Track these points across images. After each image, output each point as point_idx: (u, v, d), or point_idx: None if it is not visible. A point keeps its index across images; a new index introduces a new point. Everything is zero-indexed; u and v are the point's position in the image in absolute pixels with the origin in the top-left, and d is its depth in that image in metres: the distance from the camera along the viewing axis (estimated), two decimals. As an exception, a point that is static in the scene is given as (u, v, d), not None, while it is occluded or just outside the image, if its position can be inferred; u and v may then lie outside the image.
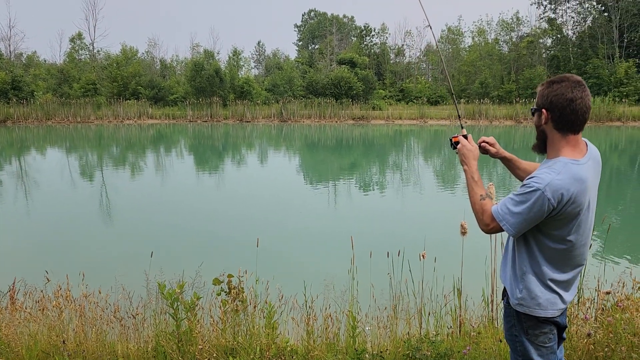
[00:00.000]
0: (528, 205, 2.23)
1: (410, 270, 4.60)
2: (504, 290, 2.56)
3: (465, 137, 2.65)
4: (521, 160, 2.76)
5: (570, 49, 48.64)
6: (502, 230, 2.38)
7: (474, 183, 2.49)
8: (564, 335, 2.66)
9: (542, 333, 2.42)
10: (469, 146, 2.60)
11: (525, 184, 2.28)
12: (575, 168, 2.25)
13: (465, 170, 2.56)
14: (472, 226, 4.27)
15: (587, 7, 50.45)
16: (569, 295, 2.45)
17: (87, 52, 56.95)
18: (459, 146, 2.63)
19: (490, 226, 2.38)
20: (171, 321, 4.04)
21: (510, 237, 2.48)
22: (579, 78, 2.28)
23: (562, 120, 2.27)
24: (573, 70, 46.04)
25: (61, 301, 4.41)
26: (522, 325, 2.44)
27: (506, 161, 2.78)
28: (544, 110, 2.30)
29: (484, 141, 2.73)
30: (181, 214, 11.88)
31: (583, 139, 2.39)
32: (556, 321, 2.45)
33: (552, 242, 2.33)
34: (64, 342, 4.02)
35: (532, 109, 2.41)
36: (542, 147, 2.41)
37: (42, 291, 4.57)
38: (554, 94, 2.26)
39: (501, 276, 2.60)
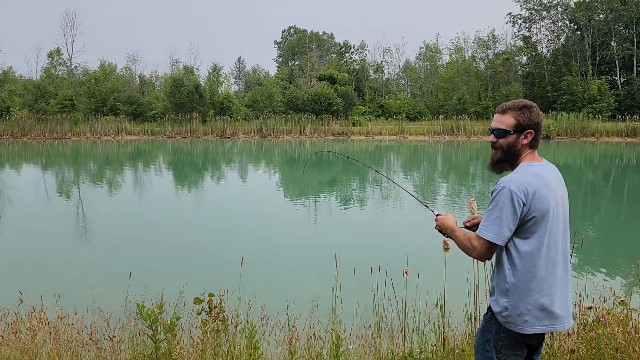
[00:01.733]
0: (500, 205, 2.41)
1: (393, 287, 4.57)
2: (489, 306, 2.63)
3: (438, 215, 2.91)
4: None
5: (545, 66, 49.82)
6: (492, 250, 2.49)
7: (454, 232, 2.72)
8: (538, 357, 2.71)
9: (514, 354, 2.54)
10: (443, 216, 2.85)
11: (492, 191, 2.49)
12: (532, 168, 2.50)
13: (449, 234, 2.79)
14: (454, 242, 4.28)
15: (560, 26, 51.88)
16: (559, 311, 2.50)
17: (65, 68, 56.33)
18: (440, 225, 2.87)
19: (478, 247, 2.50)
20: (150, 343, 3.93)
21: (495, 255, 2.57)
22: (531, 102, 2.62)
23: (538, 137, 2.59)
24: (547, 86, 47.16)
25: (35, 323, 4.26)
26: (497, 342, 2.53)
27: None
28: (532, 131, 2.56)
29: (473, 219, 2.93)
30: (160, 232, 11.70)
31: (543, 158, 2.63)
32: (531, 342, 2.55)
33: (531, 252, 2.44)
34: (37, 366, 3.88)
35: (510, 130, 2.57)
36: (506, 167, 2.65)
37: (15, 313, 4.42)
38: (536, 117, 2.57)
39: (490, 296, 2.68)
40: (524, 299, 2.44)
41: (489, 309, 2.62)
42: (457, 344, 4.14)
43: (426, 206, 3.26)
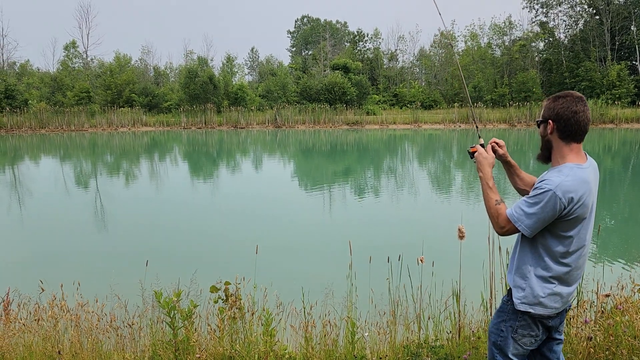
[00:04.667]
0: (541, 205, 2.42)
1: (409, 275, 4.57)
2: (509, 289, 2.71)
3: (482, 146, 2.84)
4: (521, 170, 2.96)
5: (563, 52, 48.95)
6: (517, 232, 2.55)
7: (489, 189, 2.66)
8: (561, 336, 2.77)
9: (529, 335, 2.62)
10: (484, 154, 2.78)
11: (537, 187, 2.47)
12: (580, 172, 2.47)
13: (480, 177, 2.74)
14: (469, 230, 4.26)
15: (579, 11, 50.84)
16: (569, 296, 2.61)
17: (81, 60, 56.86)
18: (475, 154, 2.81)
19: (506, 228, 2.55)
20: (168, 330, 3.99)
21: (517, 238, 2.66)
22: (580, 94, 2.54)
23: (567, 130, 2.51)
24: (565, 73, 46.37)
25: (56, 311, 4.35)
26: (514, 322, 2.61)
27: (508, 166, 2.95)
28: (550, 121, 2.54)
29: (494, 141, 2.89)
30: (177, 221, 11.82)
31: (584, 152, 2.61)
32: (548, 324, 2.61)
33: (557, 242, 2.50)
34: (59, 352, 3.97)
35: (537, 121, 2.66)
36: (546, 156, 2.64)
37: (37, 301, 4.51)
38: (560, 107, 2.51)
39: (507, 275, 2.76)
40: (544, 286, 2.53)
41: (509, 291, 2.70)
42: (473, 331, 4.14)
43: (477, 127, 3.17)
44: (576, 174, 2.45)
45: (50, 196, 15.47)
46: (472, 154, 2.83)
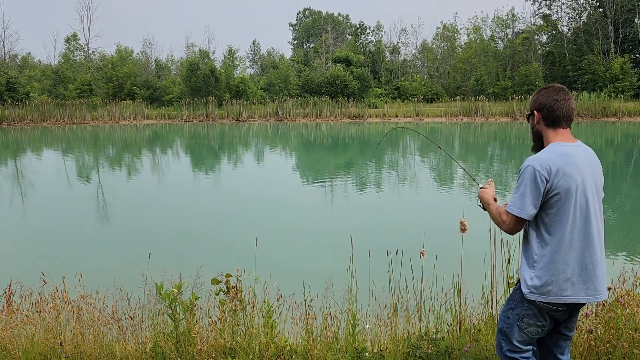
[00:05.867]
0: (524, 182, 2.58)
1: (411, 268, 4.57)
2: (519, 278, 2.78)
3: (482, 187, 3.05)
4: None
5: (566, 45, 48.71)
6: (520, 224, 2.65)
7: (489, 206, 2.89)
8: (570, 333, 2.78)
9: (536, 325, 2.68)
10: (482, 192, 3.00)
11: (519, 170, 2.66)
12: (559, 147, 2.63)
13: (485, 207, 2.95)
14: (471, 223, 4.26)
15: (582, 3, 50.52)
16: (581, 285, 2.60)
17: (82, 53, 56.78)
18: (478, 195, 3.04)
19: (507, 221, 2.67)
20: (169, 322, 4.01)
21: (524, 229, 2.74)
22: (562, 86, 2.74)
23: (550, 116, 2.69)
24: (568, 66, 46.15)
25: (58, 303, 4.37)
26: (520, 311, 2.69)
27: None
28: (535, 112, 2.75)
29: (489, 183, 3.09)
30: (178, 214, 11.84)
31: (576, 139, 2.72)
32: (556, 315, 2.65)
33: (554, 226, 2.57)
34: (61, 344, 3.99)
35: (526, 115, 2.88)
36: (539, 146, 2.80)
37: (39, 293, 4.53)
38: (542, 97, 2.73)
39: (520, 265, 2.83)
40: (549, 272, 2.58)
41: (519, 279, 2.76)
42: (473, 324, 4.14)
43: (473, 179, 3.46)
44: (554, 149, 2.61)
45: (53, 189, 15.49)
46: (483, 207, 3.02)
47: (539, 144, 2.79)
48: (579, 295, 2.60)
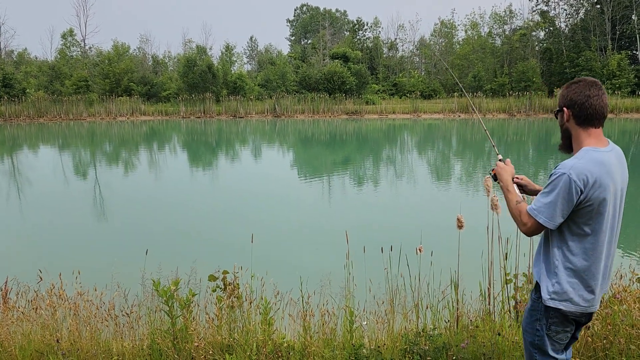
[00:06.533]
0: (557, 191, 2.38)
1: (407, 265, 4.57)
2: (536, 284, 2.63)
3: (501, 160, 2.87)
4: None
5: (563, 41, 48.72)
6: (541, 229, 2.49)
7: (508, 193, 2.67)
8: (577, 334, 2.72)
9: (564, 331, 2.56)
10: (502, 165, 2.82)
11: (551, 174, 2.43)
12: (596, 154, 2.41)
13: (501, 187, 2.76)
14: (468, 220, 4.26)
15: (580, 0, 50.53)
16: (600, 291, 2.54)
17: (79, 49, 56.54)
18: (496, 170, 2.83)
19: (528, 224, 2.49)
20: (166, 318, 4.00)
21: (543, 233, 2.58)
22: (595, 79, 2.50)
23: (582, 115, 2.46)
24: (565, 62, 46.16)
25: (55, 300, 4.35)
26: (547, 320, 2.55)
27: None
28: (565, 109, 2.51)
29: (517, 179, 2.87)
30: (176, 210, 11.82)
31: (607, 139, 2.54)
32: (579, 320, 2.56)
33: (584, 235, 2.44)
34: (58, 341, 3.97)
35: (554, 111, 2.62)
36: (567, 145, 2.60)
37: (35, 290, 4.51)
38: (573, 93, 2.48)
39: (534, 271, 2.69)
40: (572, 280, 2.47)
41: (536, 287, 2.63)
42: (470, 320, 4.15)
43: (494, 145, 3.20)
44: (591, 156, 2.39)
45: (49, 185, 15.45)
46: (495, 176, 2.84)
47: (567, 142, 2.58)
48: (598, 303, 2.54)
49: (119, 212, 11.91)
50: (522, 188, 2.84)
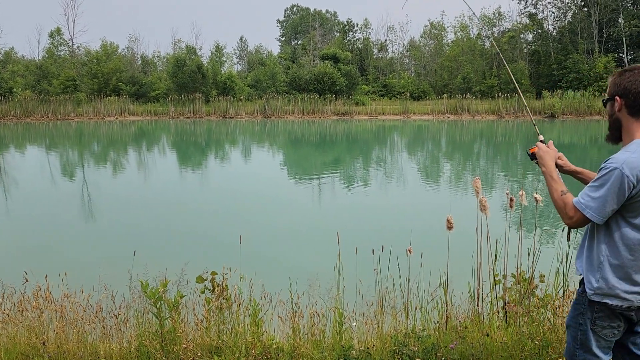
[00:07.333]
0: (607, 186, 2.27)
1: (398, 266, 4.58)
2: (581, 279, 2.55)
3: (543, 142, 2.75)
4: (590, 172, 2.80)
5: (551, 43, 49.16)
6: (587, 222, 2.39)
7: (553, 181, 2.55)
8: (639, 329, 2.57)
9: (610, 326, 2.45)
10: (545, 148, 2.69)
11: (602, 168, 2.32)
12: None
13: (543, 172, 2.63)
14: (458, 221, 4.27)
15: (567, 3, 51.06)
16: None
17: (67, 48, 56.04)
18: (536, 150, 2.70)
19: (574, 218, 2.40)
20: (154, 320, 3.97)
21: (588, 226, 2.50)
22: None
23: (636, 104, 2.34)
24: (553, 65, 46.60)
25: (41, 302, 4.30)
26: (592, 315, 2.46)
27: (577, 175, 2.81)
28: (617, 98, 2.38)
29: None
30: (164, 211, 11.74)
31: None
32: (629, 315, 2.44)
33: (633, 230, 2.34)
34: (44, 343, 3.93)
35: (603, 100, 2.49)
36: (616, 137, 2.48)
37: (21, 292, 4.45)
38: (627, 81, 2.35)
39: (577, 265, 2.60)
40: (619, 275, 2.38)
41: (581, 281, 2.56)
42: (459, 321, 4.16)
43: (534, 125, 3.08)
44: None
45: (36, 186, 15.28)
46: (532, 155, 2.74)
47: (616, 134, 2.46)
48: None
49: (107, 212, 11.81)
50: (559, 168, 2.73)
